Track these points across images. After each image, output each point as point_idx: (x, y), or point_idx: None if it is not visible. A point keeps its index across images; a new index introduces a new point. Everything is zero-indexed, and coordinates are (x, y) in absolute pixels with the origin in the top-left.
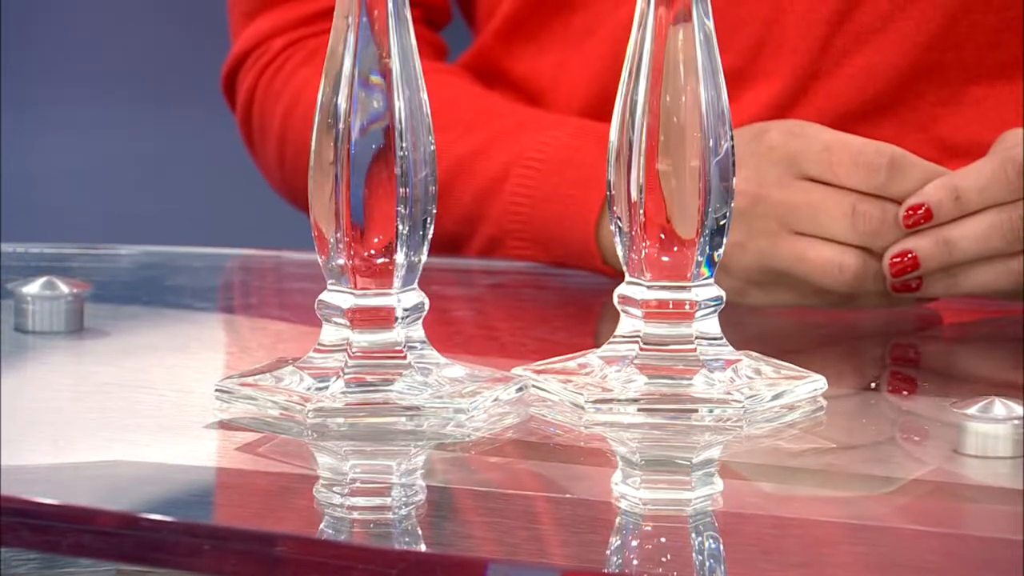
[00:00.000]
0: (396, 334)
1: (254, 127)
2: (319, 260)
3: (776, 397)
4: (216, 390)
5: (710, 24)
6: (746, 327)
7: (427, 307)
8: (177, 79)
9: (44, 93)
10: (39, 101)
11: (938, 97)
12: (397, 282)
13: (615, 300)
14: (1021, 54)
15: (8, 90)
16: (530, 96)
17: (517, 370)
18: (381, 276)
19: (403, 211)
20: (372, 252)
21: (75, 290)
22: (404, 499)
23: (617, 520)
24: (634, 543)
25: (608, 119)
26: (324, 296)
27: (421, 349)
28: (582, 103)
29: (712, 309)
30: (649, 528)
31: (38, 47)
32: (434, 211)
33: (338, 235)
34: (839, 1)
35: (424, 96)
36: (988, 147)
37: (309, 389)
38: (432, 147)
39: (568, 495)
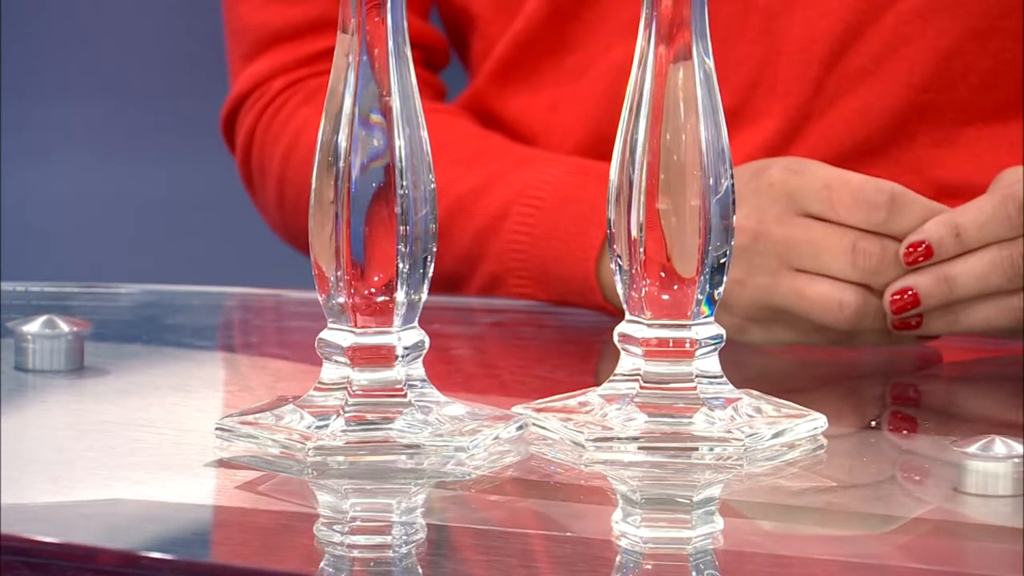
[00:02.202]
0: (396, 372)
1: (254, 168)
2: (319, 299)
3: (776, 435)
4: (216, 428)
5: (710, 63)
6: (746, 365)
7: (427, 345)
8: (177, 120)
9: (44, 127)
10: (39, 141)
11: (932, 138)
12: (397, 320)
13: (615, 338)
14: (1015, 96)
15: (8, 119)
16: (524, 137)
17: (517, 408)
18: (381, 314)
19: (403, 249)
20: (372, 290)
21: (75, 329)
22: (404, 537)
23: (617, 559)
24: None
25: (602, 159)
26: (324, 334)
27: (421, 387)
28: (575, 143)
29: (712, 347)
30: (649, 567)
31: (39, 79)
32: (434, 249)
33: (338, 273)
34: (832, 42)
35: (424, 134)
36: (982, 189)
37: (309, 427)
38: (432, 185)
39: (568, 533)
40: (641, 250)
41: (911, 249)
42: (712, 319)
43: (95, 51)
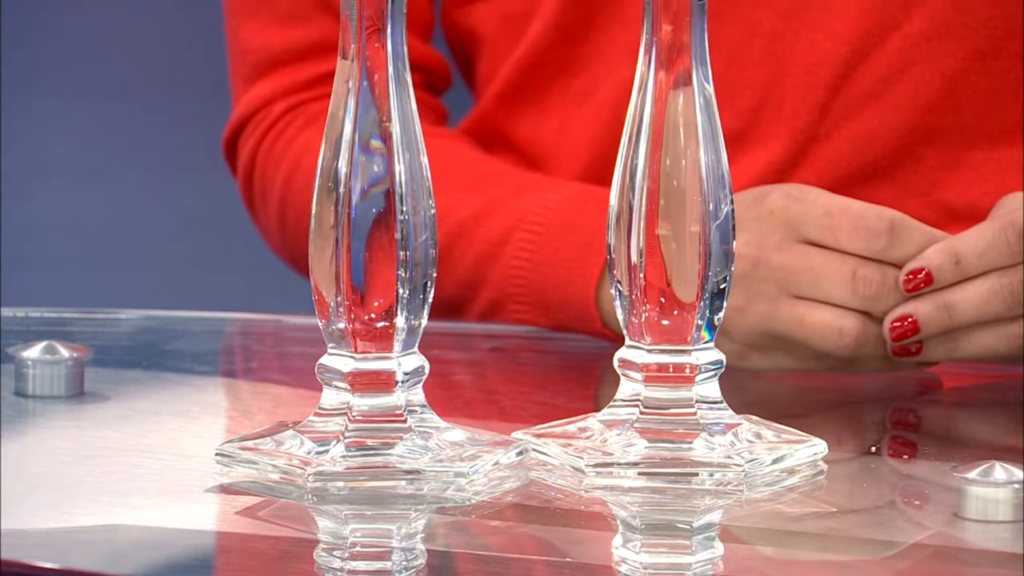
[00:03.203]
0: (396, 398)
1: (255, 191)
2: (319, 324)
3: (776, 461)
4: (216, 454)
5: (710, 88)
6: (746, 391)
7: (427, 371)
8: (178, 145)
9: (45, 153)
10: (40, 167)
11: (938, 161)
12: (397, 346)
13: (615, 364)
14: (1021, 118)
15: (9, 145)
16: (532, 160)
17: (517, 434)
18: (381, 340)
19: (403, 275)
20: (372, 316)
21: (75, 354)
22: (404, 563)
23: None
24: None
25: (608, 182)
26: (324, 360)
27: (421, 413)
28: (583, 166)
29: (712, 373)
30: None
31: (42, 104)
32: (434, 275)
33: (338, 299)
34: (838, 65)
35: (424, 160)
36: (988, 211)
37: (309, 453)
38: (432, 211)
39: (568, 559)
40: (641, 275)
41: (911, 276)
42: (712, 344)
43: (97, 77)
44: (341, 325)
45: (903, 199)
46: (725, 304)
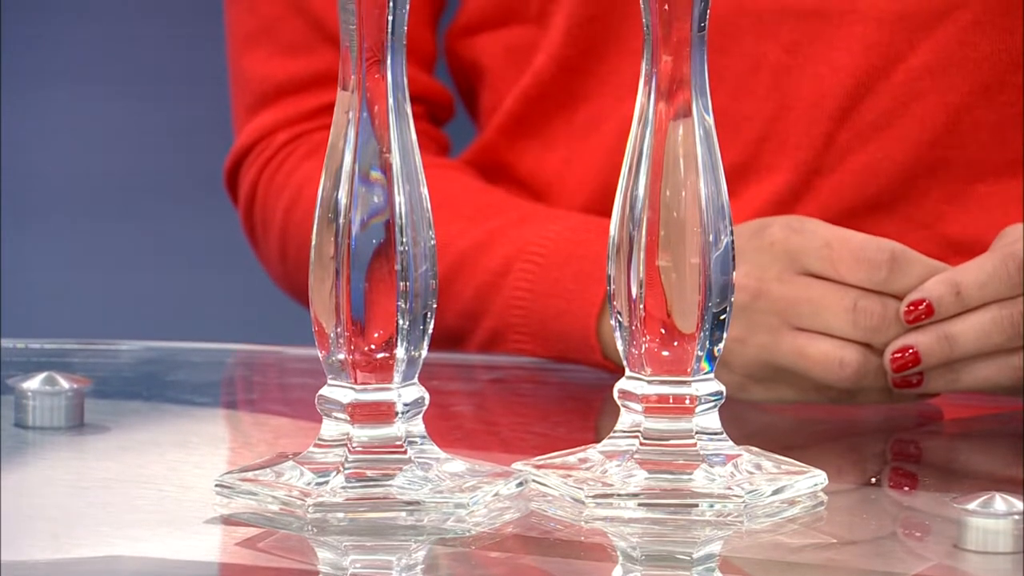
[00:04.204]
0: (396, 429)
1: (256, 221)
2: (319, 355)
3: (777, 492)
4: (217, 485)
5: (710, 119)
6: (746, 422)
7: (427, 402)
8: (179, 175)
9: (45, 184)
10: (39, 199)
11: (942, 194)
12: (397, 377)
13: (615, 395)
14: None
15: (9, 179)
16: (535, 191)
17: (517, 465)
18: (381, 371)
19: (403, 306)
20: (372, 347)
21: (75, 385)
22: None
23: None
24: None
25: (611, 214)
26: (324, 391)
27: (421, 444)
28: (587, 197)
29: (712, 404)
30: None
31: (42, 139)
32: (434, 306)
33: (338, 330)
34: (842, 97)
35: (424, 191)
36: None
37: (309, 484)
38: (432, 242)
39: None
40: (641, 306)
41: (912, 307)
42: (712, 375)
43: (98, 104)
44: (341, 356)
45: (906, 232)
46: (725, 335)
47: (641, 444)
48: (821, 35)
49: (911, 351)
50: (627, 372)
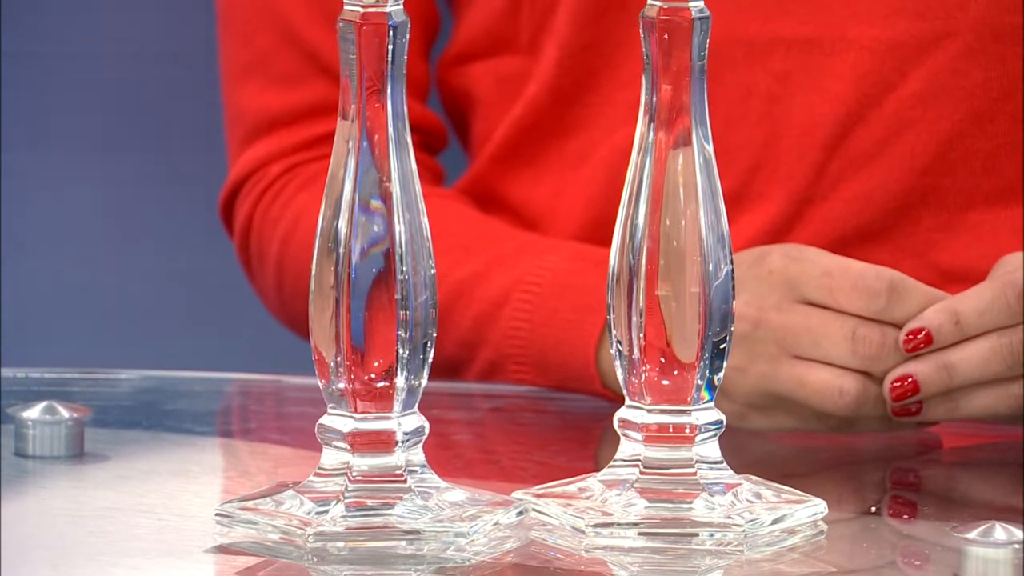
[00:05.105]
0: (396, 458)
1: (252, 252)
2: (319, 384)
3: (776, 521)
4: (216, 514)
5: (710, 148)
6: (746, 451)
7: (427, 431)
8: (175, 205)
9: (44, 214)
10: (39, 228)
11: (934, 222)
12: (397, 406)
13: (615, 424)
14: (1016, 179)
15: (8, 207)
16: (526, 221)
17: (517, 494)
18: (381, 400)
19: (403, 335)
20: (372, 376)
21: (75, 415)
22: None
23: None
24: None
25: (604, 243)
26: (324, 420)
27: (421, 473)
28: (578, 228)
29: (712, 433)
30: None
31: (42, 170)
32: (435, 335)
33: (338, 359)
34: (834, 126)
35: (424, 220)
36: (985, 273)
37: (309, 513)
38: (432, 271)
39: None
40: (641, 335)
41: (911, 336)
42: (712, 404)
43: (97, 139)
44: (341, 385)
45: (899, 260)
46: (725, 364)
47: (641, 473)
48: (812, 64)
49: (910, 380)
50: (627, 401)
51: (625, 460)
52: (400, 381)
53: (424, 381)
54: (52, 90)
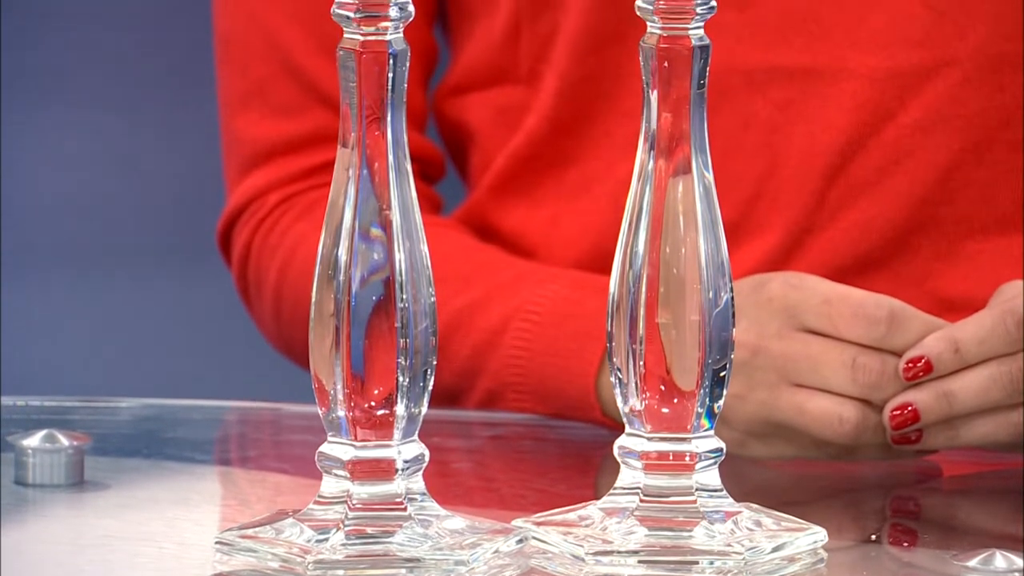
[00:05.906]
0: (396, 486)
1: (250, 281)
2: (319, 412)
3: (776, 549)
4: (216, 542)
5: (710, 176)
6: (746, 479)
7: (427, 459)
8: (174, 234)
9: (43, 241)
10: (38, 257)
11: (933, 251)
12: (397, 434)
13: (615, 451)
14: (1015, 208)
15: (8, 236)
16: (523, 251)
17: (517, 522)
18: (381, 428)
19: (403, 363)
20: (372, 404)
21: (75, 443)
22: None
23: None
24: None
25: (603, 272)
26: (324, 448)
27: (421, 501)
28: (576, 258)
29: (712, 461)
30: None
31: (39, 199)
32: (435, 362)
33: (338, 387)
34: (834, 155)
35: (424, 248)
36: (984, 302)
37: (309, 541)
38: (432, 299)
39: None
40: (641, 363)
41: (910, 364)
42: (712, 432)
43: (94, 160)
44: (341, 413)
45: (897, 289)
46: (725, 392)
47: (641, 501)
48: (811, 93)
49: (910, 408)
50: (627, 429)
51: (625, 488)
52: (400, 409)
53: (424, 409)
54: (49, 119)
